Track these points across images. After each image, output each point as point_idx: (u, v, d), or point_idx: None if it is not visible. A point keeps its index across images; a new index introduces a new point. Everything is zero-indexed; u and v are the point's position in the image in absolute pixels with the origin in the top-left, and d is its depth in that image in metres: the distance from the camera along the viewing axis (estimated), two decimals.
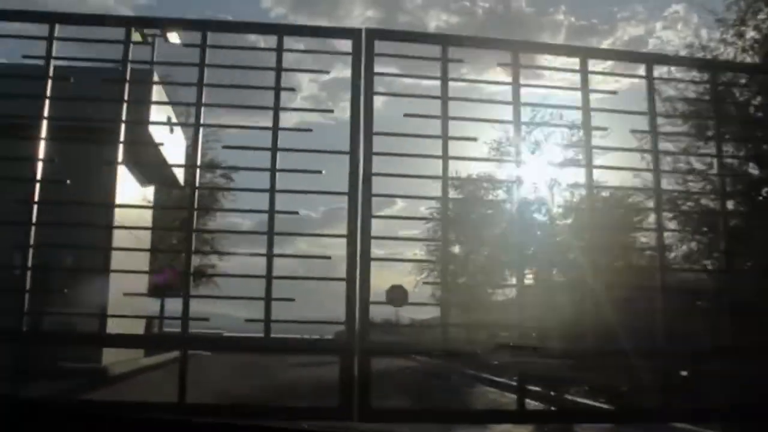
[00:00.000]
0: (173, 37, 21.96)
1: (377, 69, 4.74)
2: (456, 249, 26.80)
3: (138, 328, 15.64)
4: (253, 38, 5.72)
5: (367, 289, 4.37)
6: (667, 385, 4.89)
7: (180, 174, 17.03)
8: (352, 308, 4.35)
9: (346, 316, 4.41)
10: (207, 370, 14.65)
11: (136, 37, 4.65)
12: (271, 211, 4.66)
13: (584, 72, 4.75)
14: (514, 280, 4.88)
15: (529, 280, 24.27)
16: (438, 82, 4.82)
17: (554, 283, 17.48)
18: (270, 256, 4.60)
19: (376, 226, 4.58)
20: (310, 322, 5.23)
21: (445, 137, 4.73)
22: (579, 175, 4.91)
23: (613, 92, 5.30)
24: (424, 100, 4.83)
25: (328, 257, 4.79)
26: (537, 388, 10.70)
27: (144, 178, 15.80)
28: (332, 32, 5.15)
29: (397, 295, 28.73)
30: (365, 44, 4.70)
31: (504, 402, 10.98)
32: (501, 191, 22.25)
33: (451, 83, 4.79)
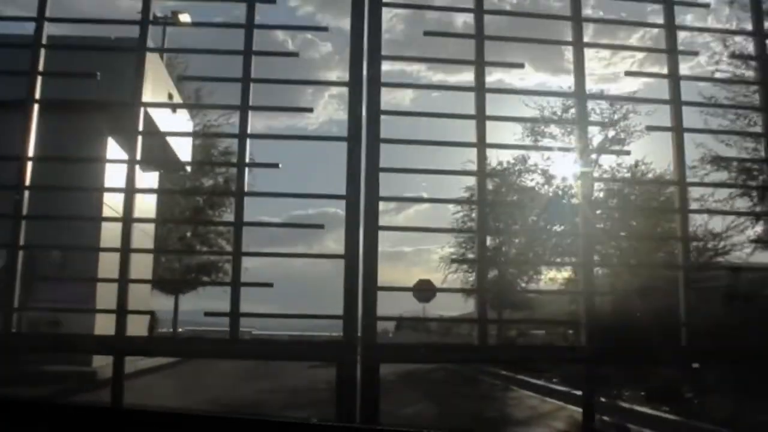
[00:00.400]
0: (184, 17, 20.81)
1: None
2: (487, 240, 25.33)
3: (139, 327, 14.38)
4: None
5: (372, 278, 3.23)
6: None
7: (186, 158, 15.70)
8: (353, 300, 3.20)
9: (345, 311, 3.20)
10: (209, 371, 13.41)
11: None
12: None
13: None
14: (549, 273, 3.50)
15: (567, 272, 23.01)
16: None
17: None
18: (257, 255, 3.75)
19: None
20: (292, 316, 3.92)
21: (481, 117, 3.52)
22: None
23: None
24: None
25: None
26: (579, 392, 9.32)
27: (146, 164, 14.49)
28: None
29: (424, 291, 27.33)
30: None
31: (549, 410, 9.48)
32: (537, 176, 20.61)
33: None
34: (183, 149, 15.40)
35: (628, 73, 5.57)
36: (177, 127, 14.51)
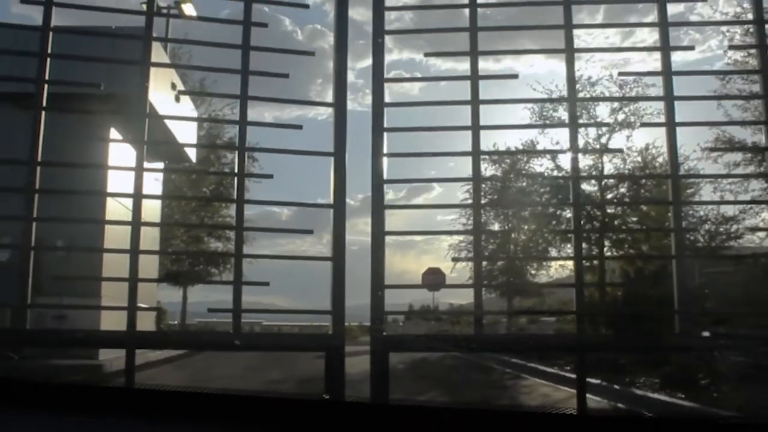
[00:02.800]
0: (188, 9, 20.64)
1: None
2: (495, 227, 25.18)
3: (146, 320, 14.29)
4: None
5: (380, 270, 3.52)
6: None
7: (191, 150, 15.55)
8: (340, 296, 3.57)
9: (333, 304, 3.54)
10: (217, 364, 13.31)
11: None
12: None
13: None
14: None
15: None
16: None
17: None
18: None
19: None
20: (287, 311, 4.27)
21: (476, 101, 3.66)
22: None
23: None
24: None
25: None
26: (597, 381, 9.23)
27: (149, 154, 14.34)
28: None
29: (433, 279, 27.17)
30: None
31: (562, 398, 9.33)
32: (545, 161, 20.37)
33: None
34: (188, 140, 15.27)
35: (622, 74, 5.53)
36: (180, 115, 14.38)
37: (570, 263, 5.59)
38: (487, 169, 24.32)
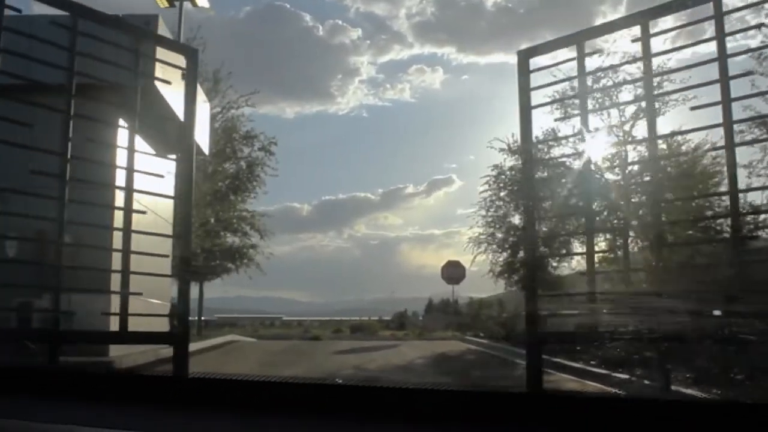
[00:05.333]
0: (202, 1, 20.29)
1: None
2: (516, 219, 24.71)
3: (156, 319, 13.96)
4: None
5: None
6: None
7: (203, 141, 15.20)
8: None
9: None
10: (236, 360, 13.02)
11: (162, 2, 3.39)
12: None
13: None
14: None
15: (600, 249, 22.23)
16: None
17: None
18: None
19: None
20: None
21: None
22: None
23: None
24: None
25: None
26: (626, 376, 8.83)
27: (158, 146, 14.01)
28: None
29: (453, 272, 26.76)
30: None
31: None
32: (567, 149, 19.80)
33: None
34: (201, 133, 14.91)
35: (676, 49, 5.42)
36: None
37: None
38: (506, 160, 23.92)
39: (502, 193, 24.35)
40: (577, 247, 22.39)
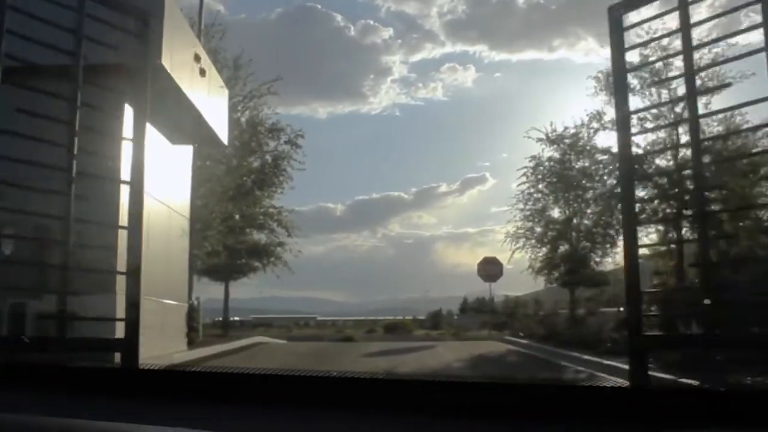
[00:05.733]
0: None
1: None
2: (555, 213, 23.48)
3: (175, 317, 13.08)
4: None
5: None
6: None
7: (221, 131, 14.25)
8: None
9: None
10: (258, 362, 12.09)
11: None
12: None
13: None
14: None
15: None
16: None
17: None
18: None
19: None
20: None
21: None
22: None
23: None
24: None
25: None
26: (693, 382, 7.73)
27: (173, 135, 13.06)
28: None
29: (491, 269, 25.54)
30: None
31: None
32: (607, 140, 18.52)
33: None
34: (218, 121, 13.96)
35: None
36: (208, 92, 13.05)
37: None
38: (545, 150, 22.78)
39: (540, 186, 23.16)
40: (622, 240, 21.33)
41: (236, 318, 66.42)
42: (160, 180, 12.42)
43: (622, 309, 23.89)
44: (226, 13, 17.96)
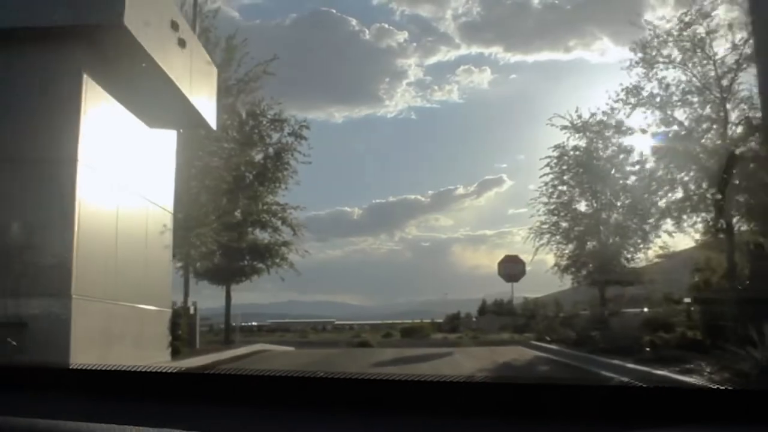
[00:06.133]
0: None
1: None
2: (582, 206, 21.69)
3: (154, 325, 11.44)
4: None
5: None
6: None
7: (209, 114, 12.62)
8: None
9: None
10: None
11: None
12: None
13: None
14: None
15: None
16: None
17: None
18: None
19: None
20: None
21: None
22: None
23: None
24: None
25: None
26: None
27: (150, 116, 11.42)
28: None
29: (512, 268, 23.76)
30: None
31: None
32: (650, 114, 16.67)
33: None
34: (205, 102, 12.34)
35: None
36: (190, 68, 11.42)
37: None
38: (570, 139, 21.06)
39: (565, 177, 21.35)
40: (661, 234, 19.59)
41: (254, 323, 65.33)
42: (135, 168, 10.81)
43: (646, 309, 22.22)
44: (240, 19, 16.41)
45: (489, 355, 16.04)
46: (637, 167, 19.00)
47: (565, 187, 21.39)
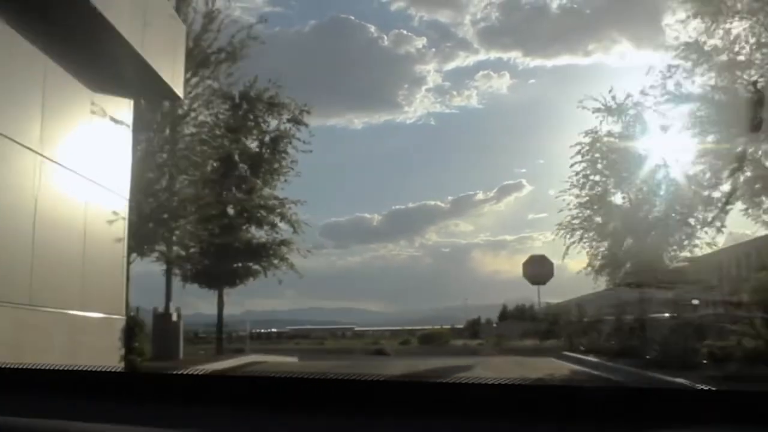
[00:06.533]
0: None
1: None
2: (617, 198, 19.24)
3: (96, 336, 9.22)
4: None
5: None
6: None
7: (176, 79, 10.41)
8: None
9: None
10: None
11: None
12: None
13: None
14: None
15: None
16: None
17: None
18: None
19: None
20: None
21: None
22: None
23: None
24: None
25: None
26: None
27: (93, 79, 9.19)
28: None
29: (539, 270, 21.39)
30: None
31: None
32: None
33: None
34: (169, 65, 10.14)
35: None
36: (144, 17, 9.20)
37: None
38: (603, 123, 18.71)
39: (598, 165, 18.91)
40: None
41: (273, 330, 64.64)
42: (66, 136, 8.63)
43: (675, 315, 19.81)
44: (259, 28, 14.33)
45: (518, 369, 13.72)
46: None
47: (598, 177, 18.96)
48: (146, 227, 11.62)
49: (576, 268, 20.25)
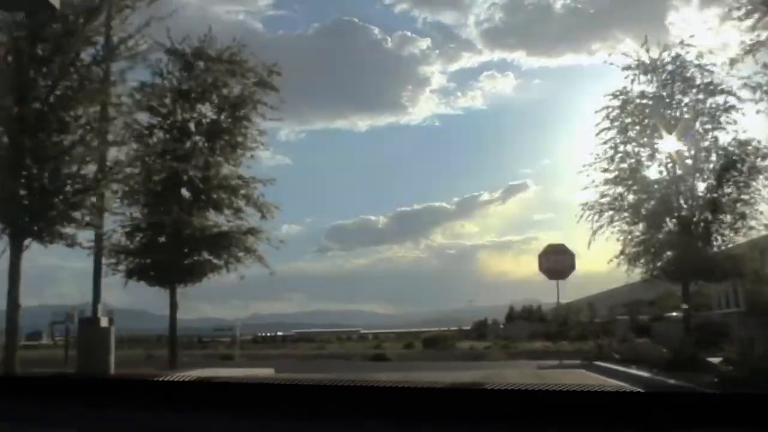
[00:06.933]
0: None
1: None
2: (653, 172, 15.93)
3: None
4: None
5: None
6: None
7: None
8: None
9: None
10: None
11: None
12: None
13: None
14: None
15: None
16: None
17: None
18: None
19: None
20: None
21: None
22: None
23: None
24: None
25: None
26: None
27: None
28: None
29: (558, 261, 18.12)
30: None
31: None
32: None
33: None
34: None
35: None
36: None
37: None
38: (635, 82, 15.53)
39: (630, 133, 15.61)
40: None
41: (279, 333, 62.48)
42: None
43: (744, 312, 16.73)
44: (264, 31, 11.69)
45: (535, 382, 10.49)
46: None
47: (630, 147, 15.65)
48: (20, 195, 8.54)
49: (591, 261, 17.48)
